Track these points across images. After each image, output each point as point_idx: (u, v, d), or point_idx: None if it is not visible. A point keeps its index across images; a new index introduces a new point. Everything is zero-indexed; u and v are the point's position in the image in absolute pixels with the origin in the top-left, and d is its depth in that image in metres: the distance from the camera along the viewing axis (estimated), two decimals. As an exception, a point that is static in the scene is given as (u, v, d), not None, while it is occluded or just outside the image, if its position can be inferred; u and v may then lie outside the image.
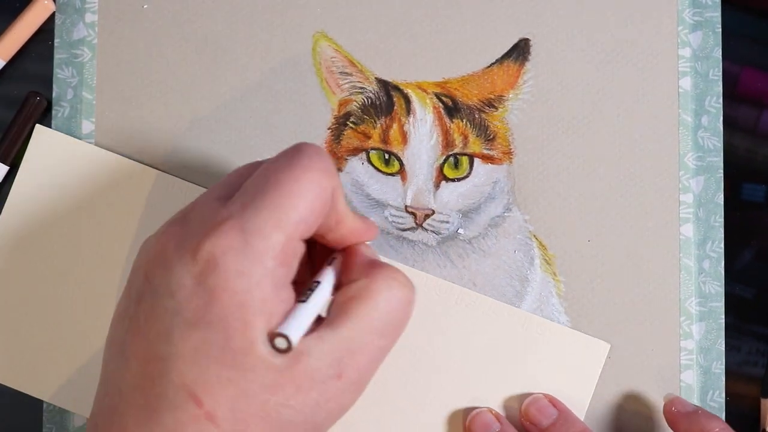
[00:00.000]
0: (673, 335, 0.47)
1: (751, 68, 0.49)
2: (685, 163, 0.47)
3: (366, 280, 0.37)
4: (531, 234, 0.47)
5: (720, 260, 0.47)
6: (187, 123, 0.48)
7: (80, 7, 0.48)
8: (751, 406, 0.48)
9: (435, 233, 0.47)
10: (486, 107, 0.48)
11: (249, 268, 0.34)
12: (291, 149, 0.37)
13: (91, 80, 0.48)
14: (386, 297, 0.37)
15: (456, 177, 0.47)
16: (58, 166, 0.47)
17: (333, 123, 0.48)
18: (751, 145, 0.48)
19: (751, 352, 0.48)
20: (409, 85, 0.48)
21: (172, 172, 0.48)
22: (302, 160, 0.36)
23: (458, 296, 0.46)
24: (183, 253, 0.35)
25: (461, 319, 0.46)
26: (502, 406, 0.46)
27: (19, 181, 0.47)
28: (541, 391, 0.46)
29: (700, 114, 0.48)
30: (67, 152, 0.47)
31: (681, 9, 0.48)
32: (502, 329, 0.46)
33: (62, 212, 0.47)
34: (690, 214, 0.47)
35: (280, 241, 0.35)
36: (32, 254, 0.47)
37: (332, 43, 0.48)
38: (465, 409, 0.46)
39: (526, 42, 0.48)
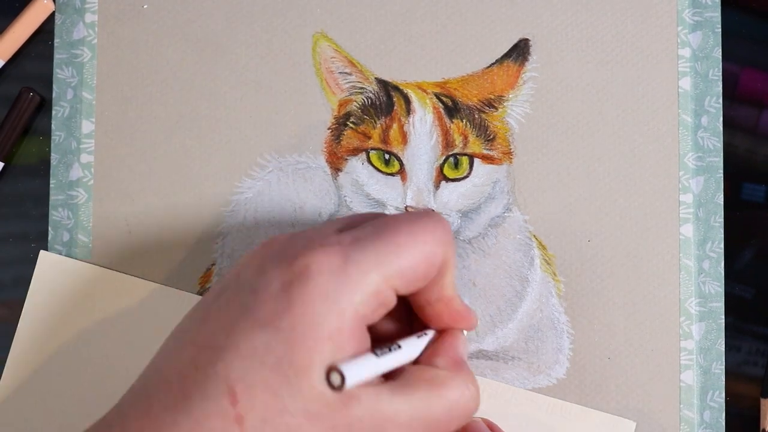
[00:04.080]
0: (673, 335, 0.47)
1: (751, 68, 0.49)
2: (685, 164, 0.47)
3: (446, 373, 0.37)
4: (531, 234, 0.47)
5: (720, 260, 0.47)
6: (187, 123, 0.48)
7: (80, 7, 0.48)
8: (751, 406, 0.48)
9: (435, 233, 0.47)
10: (486, 107, 0.48)
11: (338, 293, 0.34)
12: (422, 211, 0.38)
13: (91, 80, 0.48)
14: (454, 400, 0.37)
15: (456, 177, 0.47)
16: (63, 288, 0.47)
17: (333, 123, 0.48)
18: (751, 145, 0.48)
19: (751, 352, 0.48)
20: (409, 85, 0.48)
21: (172, 172, 0.48)
22: (426, 222, 0.37)
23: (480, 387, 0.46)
24: (280, 260, 0.35)
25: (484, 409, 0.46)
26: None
27: (28, 307, 0.47)
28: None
29: (700, 114, 0.48)
30: (71, 274, 0.47)
31: (681, 9, 0.48)
32: (525, 417, 0.46)
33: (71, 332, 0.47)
34: (690, 214, 0.47)
35: (375, 282, 0.35)
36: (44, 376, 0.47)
37: (332, 43, 0.48)
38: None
39: (526, 42, 0.48)
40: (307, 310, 0.34)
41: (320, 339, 0.34)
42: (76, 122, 0.48)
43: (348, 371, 0.34)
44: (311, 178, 0.48)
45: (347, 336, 0.34)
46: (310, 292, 0.34)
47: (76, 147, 0.48)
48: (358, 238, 0.36)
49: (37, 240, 0.48)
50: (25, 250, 0.48)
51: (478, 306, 0.47)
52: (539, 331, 0.47)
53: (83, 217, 0.48)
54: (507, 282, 0.47)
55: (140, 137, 0.48)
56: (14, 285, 0.48)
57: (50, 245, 0.48)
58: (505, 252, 0.47)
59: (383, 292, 0.35)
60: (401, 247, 0.35)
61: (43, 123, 0.49)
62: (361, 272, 0.35)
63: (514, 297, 0.47)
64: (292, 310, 0.34)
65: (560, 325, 0.47)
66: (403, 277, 0.36)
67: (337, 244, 0.35)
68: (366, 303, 0.35)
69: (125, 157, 0.48)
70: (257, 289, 0.35)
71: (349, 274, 0.34)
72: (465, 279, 0.47)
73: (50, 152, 0.48)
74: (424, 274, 0.36)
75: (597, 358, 0.47)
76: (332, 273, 0.34)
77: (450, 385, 0.37)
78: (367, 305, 0.35)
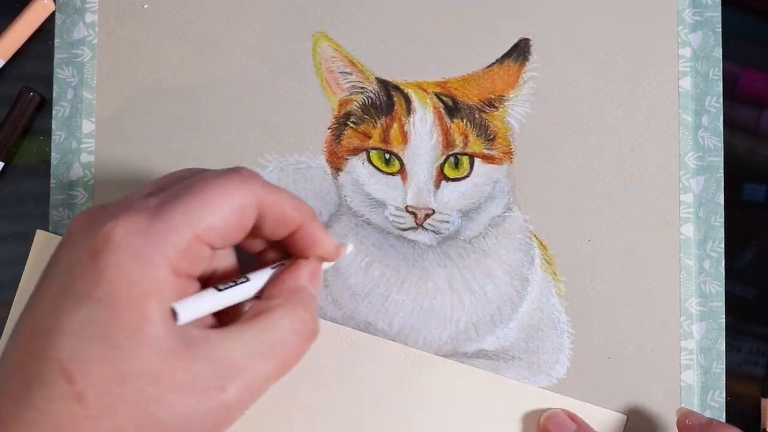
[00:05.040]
0: (673, 335, 0.47)
1: (751, 68, 0.49)
2: (685, 163, 0.47)
3: (278, 301, 0.37)
4: (531, 234, 0.47)
5: (720, 260, 0.47)
6: (187, 123, 0.48)
7: (80, 7, 0.48)
8: (751, 406, 0.48)
9: (435, 233, 0.47)
10: (486, 107, 0.48)
11: (148, 250, 0.34)
12: (228, 168, 0.38)
13: (91, 80, 0.48)
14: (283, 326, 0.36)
15: (456, 177, 0.47)
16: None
17: (333, 123, 0.48)
18: (751, 145, 0.48)
19: (751, 352, 0.48)
20: (410, 84, 0.48)
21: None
22: (230, 175, 0.37)
23: (470, 377, 0.46)
24: (87, 231, 0.35)
25: (473, 399, 0.46)
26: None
27: (24, 283, 0.47)
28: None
29: (700, 114, 0.48)
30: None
31: (681, 9, 0.48)
32: (516, 408, 0.46)
33: None
34: (690, 214, 0.47)
35: (186, 237, 0.35)
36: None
37: (332, 43, 0.48)
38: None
39: (526, 42, 0.48)
40: (120, 274, 0.33)
41: (143, 295, 0.33)
42: (76, 122, 0.48)
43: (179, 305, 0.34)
44: (311, 177, 0.48)
45: (170, 286, 0.34)
46: (118, 256, 0.34)
47: (76, 147, 0.48)
48: (166, 199, 0.36)
49: (37, 240, 0.48)
50: (25, 250, 0.48)
51: (478, 306, 0.47)
52: (539, 331, 0.47)
53: (83, 217, 0.48)
54: (507, 282, 0.47)
55: (140, 137, 0.48)
56: (14, 285, 0.48)
57: (50, 245, 0.48)
58: (505, 252, 0.47)
59: (196, 247, 0.35)
60: (209, 203, 0.35)
61: (43, 123, 0.49)
62: (169, 229, 0.34)
63: (514, 297, 0.47)
64: (105, 277, 0.33)
65: (560, 324, 0.47)
66: (214, 231, 0.36)
67: (143, 207, 0.35)
68: (181, 257, 0.35)
69: (125, 157, 0.48)
70: (71, 264, 0.34)
71: (158, 231, 0.34)
72: (465, 278, 0.47)
73: (50, 152, 0.48)
74: (238, 226, 0.36)
75: (597, 358, 0.47)
76: (138, 233, 0.34)
77: (277, 314, 0.36)
78: (183, 259, 0.35)
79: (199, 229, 0.35)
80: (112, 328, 0.33)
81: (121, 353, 0.33)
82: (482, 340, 0.47)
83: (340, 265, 0.47)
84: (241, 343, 0.35)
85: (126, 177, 0.48)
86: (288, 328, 0.37)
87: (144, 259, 0.34)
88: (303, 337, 0.37)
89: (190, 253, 0.35)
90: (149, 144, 0.48)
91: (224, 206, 0.36)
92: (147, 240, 0.34)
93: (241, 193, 0.36)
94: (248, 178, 0.37)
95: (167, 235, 0.34)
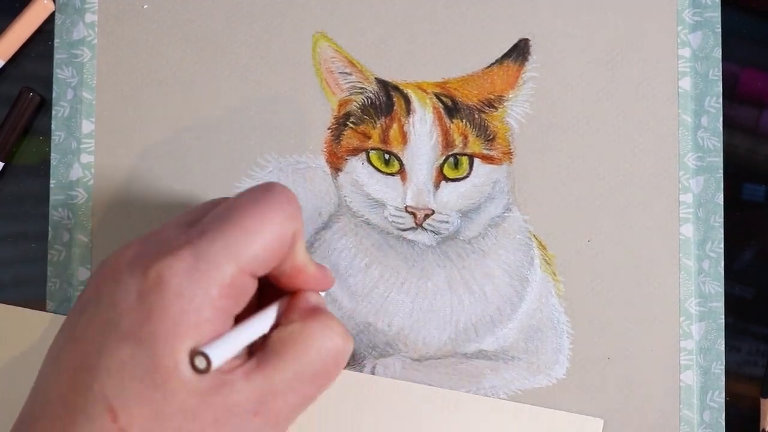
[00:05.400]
0: (673, 335, 0.47)
1: (751, 68, 0.49)
2: (685, 163, 0.47)
3: (301, 324, 0.37)
4: (531, 234, 0.47)
5: (720, 260, 0.47)
6: (187, 123, 0.48)
7: (80, 7, 0.48)
8: (751, 406, 0.47)
9: (435, 233, 0.47)
10: (486, 107, 0.48)
11: (191, 291, 0.34)
12: (260, 187, 0.37)
13: (91, 80, 0.48)
14: (319, 345, 0.37)
15: (456, 177, 0.47)
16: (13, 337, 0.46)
17: (333, 123, 0.48)
18: (751, 145, 0.48)
19: (751, 352, 0.48)
20: (409, 85, 0.48)
21: (172, 172, 0.48)
22: (269, 199, 0.36)
23: (442, 400, 0.46)
24: (134, 269, 0.35)
25: (442, 420, 0.46)
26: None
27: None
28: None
29: (699, 114, 0.48)
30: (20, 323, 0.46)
31: (681, 9, 0.48)
32: (488, 424, 0.46)
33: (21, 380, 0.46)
34: (690, 214, 0.47)
35: (229, 273, 0.35)
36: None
37: (332, 43, 0.48)
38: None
39: (526, 42, 0.48)
40: (165, 316, 0.34)
41: (180, 338, 0.34)
42: (76, 122, 0.48)
43: (211, 350, 0.34)
44: (311, 178, 0.48)
45: (208, 329, 0.34)
46: (165, 298, 0.34)
47: (76, 147, 0.48)
48: (205, 231, 0.36)
49: (37, 240, 0.48)
50: (25, 250, 0.48)
51: (478, 306, 0.47)
52: (539, 331, 0.47)
53: (83, 217, 0.48)
54: (507, 282, 0.47)
55: (140, 137, 0.48)
56: (14, 285, 0.48)
57: (50, 245, 0.48)
58: (504, 252, 0.47)
59: (240, 280, 0.35)
60: (250, 232, 0.35)
61: (43, 123, 0.49)
62: (213, 265, 0.35)
63: (514, 297, 0.47)
64: (151, 319, 0.34)
65: (560, 325, 0.47)
66: (257, 262, 0.36)
67: (186, 243, 0.35)
68: (224, 295, 0.35)
69: (125, 157, 0.48)
70: (116, 302, 0.35)
71: (202, 271, 0.34)
72: (465, 279, 0.47)
73: (50, 152, 0.48)
74: (278, 254, 0.36)
75: (597, 358, 0.47)
76: (185, 273, 0.34)
77: (309, 334, 0.37)
78: (227, 297, 0.35)
79: (242, 262, 0.35)
80: (151, 370, 0.34)
81: (161, 394, 0.34)
82: (482, 341, 0.47)
83: (339, 265, 0.47)
84: (279, 371, 0.36)
85: (126, 177, 0.48)
86: (321, 346, 0.37)
87: (187, 300, 0.34)
88: (341, 348, 0.38)
89: (233, 289, 0.35)
90: (149, 144, 0.48)
91: (266, 234, 0.36)
92: (191, 279, 0.34)
93: (280, 218, 0.36)
94: (284, 200, 0.37)
95: (210, 273, 0.34)
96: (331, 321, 0.38)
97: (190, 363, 0.34)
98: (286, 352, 0.36)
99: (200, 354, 0.34)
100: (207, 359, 0.34)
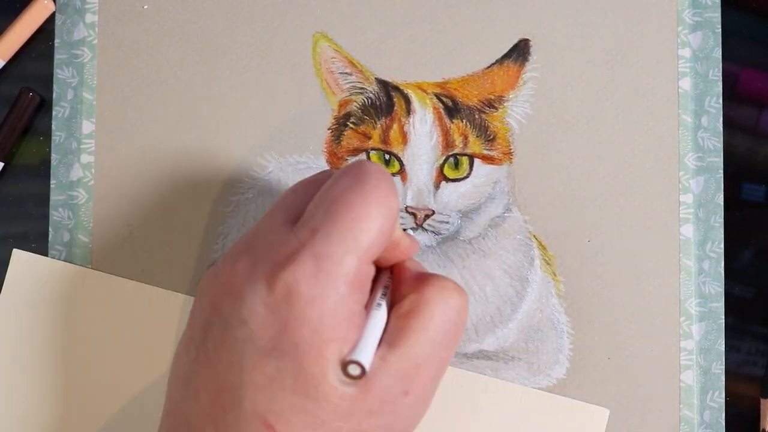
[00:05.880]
0: (673, 335, 0.47)
1: (751, 68, 0.49)
2: (685, 164, 0.47)
3: (417, 294, 0.37)
4: (531, 234, 0.47)
5: (720, 260, 0.47)
6: (187, 123, 0.48)
7: (80, 7, 0.48)
8: (751, 406, 0.48)
9: (435, 233, 0.47)
10: (486, 108, 0.48)
11: (323, 294, 0.34)
12: (355, 168, 0.37)
13: (91, 80, 0.48)
14: (441, 309, 0.37)
15: (456, 177, 0.47)
16: (38, 287, 0.47)
17: (333, 123, 0.48)
18: (751, 145, 0.48)
19: (751, 352, 0.48)
20: (409, 85, 0.48)
21: (172, 172, 0.48)
22: (370, 180, 0.36)
23: (449, 376, 0.46)
24: (255, 281, 0.35)
25: (452, 400, 0.46)
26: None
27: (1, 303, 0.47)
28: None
29: (699, 114, 0.48)
30: (45, 273, 0.47)
31: (681, 9, 0.48)
32: (497, 406, 0.46)
33: (46, 333, 0.46)
34: (690, 215, 0.47)
35: (353, 266, 0.35)
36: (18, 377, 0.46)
37: (332, 44, 0.48)
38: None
39: (526, 42, 0.48)
40: (304, 325, 0.34)
41: (324, 344, 0.34)
42: (76, 122, 0.48)
43: (361, 356, 0.34)
44: (311, 178, 0.48)
45: (347, 328, 0.34)
46: (298, 307, 0.34)
47: (76, 147, 0.48)
48: (316, 228, 0.35)
49: (37, 240, 0.48)
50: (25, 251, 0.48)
51: (478, 306, 0.47)
52: (539, 331, 0.47)
53: (83, 217, 0.48)
54: (507, 282, 0.47)
55: (140, 137, 0.48)
56: (14, 285, 0.48)
57: (50, 245, 0.48)
58: (505, 252, 0.47)
59: (363, 269, 0.35)
60: (363, 220, 0.35)
61: (43, 123, 0.49)
62: (335, 263, 0.34)
63: (514, 297, 0.47)
64: (289, 329, 0.34)
65: (560, 325, 0.47)
66: (374, 247, 0.36)
67: (301, 247, 0.35)
68: (352, 289, 0.35)
69: (125, 157, 0.48)
70: (245, 319, 0.35)
71: (326, 271, 0.34)
72: (465, 279, 0.47)
73: (50, 152, 0.48)
74: (390, 233, 0.36)
75: (597, 358, 0.47)
76: (311, 278, 0.34)
77: (428, 300, 0.37)
78: (355, 290, 0.35)
79: (361, 251, 0.35)
80: (300, 379, 0.34)
81: (313, 402, 0.34)
82: (482, 341, 0.47)
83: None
84: (410, 346, 0.36)
85: (126, 177, 0.48)
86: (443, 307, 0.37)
87: (320, 303, 0.34)
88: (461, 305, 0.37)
89: (358, 280, 0.35)
90: (149, 144, 0.48)
91: (378, 217, 0.35)
92: (319, 283, 0.34)
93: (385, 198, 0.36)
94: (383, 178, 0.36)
95: (335, 271, 0.34)
96: (441, 280, 0.38)
97: (342, 372, 0.34)
98: (413, 326, 0.36)
99: (353, 363, 0.34)
100: (361, 366, 0.34)
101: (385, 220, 0.36)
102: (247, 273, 0.35)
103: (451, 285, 0.38)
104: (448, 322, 0.37)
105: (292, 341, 0.34)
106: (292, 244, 0.35)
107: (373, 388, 0.35)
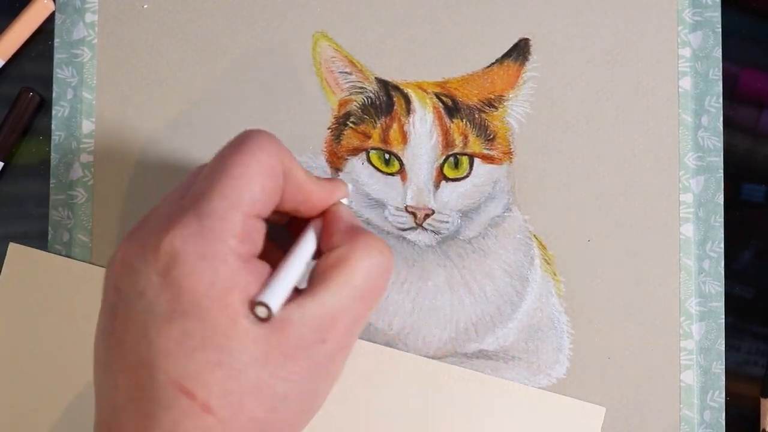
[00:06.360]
0: (673, 335, 0.47)
1: (751, 68, 0.49)
2: (685, 163, 0.47)
3: (346, 246, 0.37)
4: (531, 234, 0.47)
5: (720, 260, 0.47)
6: (187, 123, 0.48)
7: (80, 7, 0.48)
8: (751, 406, 0.48)
9: (435, 233, 0.47)
10: (486, 107, 0.48)
11: (210, 248, 0.34)
12: (237, 136, 0.38)
13: (91, 80, 0.48)
14: (366, 264, 0.37)
15: (456, 177, 0.47)
16: (34, 281, 0.47)
17: (333, 123, 0.48)
18: (751, 145, 0.48)
19: (751, 352, 0.48)
20: (409, 84, 0.48)
21: (172, 172, 0.48)
22: (247, 143, 0.37)
23: (446, 373, 0.46)
24: (144, 253, 0.35)
25: (449, 396, 0.46)
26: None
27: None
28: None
29: (700, 114, 0.48)
30: (42, 266, 0.47)
31: (681, 9, 0.48)
32: (492, 403, 0.46)
33: (42, 326, 0.46)
34: (690, 214, 0.47)
35: (238, 221, 0.35)
36: (13, 370, 0.46)
37: (332, 43, 0.48)
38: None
39: (526, 42, 0.48)
40: (196, 281, 0.34)
41: (224, 292, 0.34)
42: (76, 122, 0.48)
43: (268, 297, 0.34)
44: (311, 177, 0.48)
45: (245, 274, 0.34)
46: (186, 265, 0.34)
47: (76, 147, 0.48)
48: (199, 194, 0.36)
49: (37, 240, 0.48)
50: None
51: (478, 306, 0.47)
52: (539, 331, 0.47)
53: (83, 217, 0.48)
54: (507, 282, 0.47)
55: (140, 137, 0.48)
56: (14, 285, 0.48)
57: (50, 245, 0.48)
58: (505, 252, 0.47)
59: (249, 224, 0.35)
60: (242, 177, 0.35)
61: (43, 123, 0.49)
62: (220, 219, 0.35)
63: (514, 297, 0.47)
64: (184, 289, 0.34)
65: (560, 324, 0.47)
66: (258, 202, 0.36)
67: (185, 210, 0.35)
68: (241, 242, 0.35)
69: (125, 157, 0.48)
70: (142, 291, 0.34)
71: (211, 227, 0.34)
72: (465, 279, 0.47)
73: (50, 152, 0.48)
74: (274, 189, 0.37)
75: (597, 358, 0.47)
76: (194, 236, 0.34)
77: (356, 254, 0.37)
78: (244, 243, 0.35)
79: (244, 207, 0.35)
80: (208, 334, 0.33)
81: (227, 353, 0.34)
82: (482, 341, 0.47)
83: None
84: (330, 295, 0.36)
85: (126, 177, 0.48)
86: (368, 264, 0.37)
87: (211, 259, 0.34)
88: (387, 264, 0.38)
89: (247, 234, 0.35)
90: (149, 144, 0.48)
91: (255, 174, 0.36)
92: (205, 239, 0.34)
93: (263, 154, 0.36)
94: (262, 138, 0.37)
95: (219, 227, 0.34)
96: (372, 239, 0.38)
97: (251, 314, 0.34)
98: (336, 277, 0.36)
99: (260, 304, 0.34)
100: (267, 307, 0.34)
101: (265, 177, 0.36)
102: (138, 248, 0.35)
103: (380, 244, 0.38)
104: (370, 278, 0.37)
105: (191, 300, 0.34)
106: (177, 212, 0.35)
107: (288, 331, 0.35)
